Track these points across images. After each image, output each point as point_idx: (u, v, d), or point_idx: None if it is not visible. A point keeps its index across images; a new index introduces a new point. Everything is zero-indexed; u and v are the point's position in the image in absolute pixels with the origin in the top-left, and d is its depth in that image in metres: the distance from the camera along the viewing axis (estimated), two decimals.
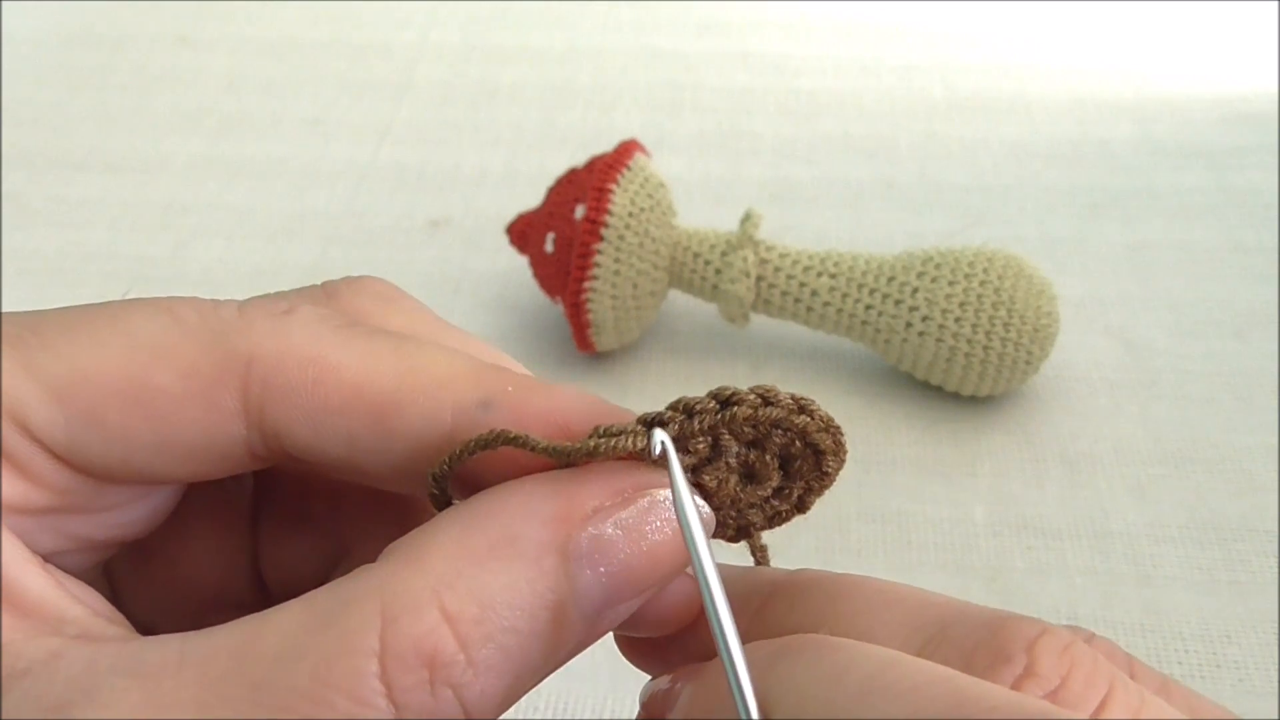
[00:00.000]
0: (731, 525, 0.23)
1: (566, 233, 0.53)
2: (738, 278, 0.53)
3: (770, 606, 0.22)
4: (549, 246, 0.54)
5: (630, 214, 0.53)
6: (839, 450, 0.23)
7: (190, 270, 0.64)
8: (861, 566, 0.47)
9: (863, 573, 0.22)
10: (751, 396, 0.21)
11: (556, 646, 0.19)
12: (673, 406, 0.21)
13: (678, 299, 0.60)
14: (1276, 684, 0.43)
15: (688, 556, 0.20)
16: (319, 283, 0.24)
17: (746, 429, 0.22)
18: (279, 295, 0.22)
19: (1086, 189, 0.69)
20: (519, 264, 0.61)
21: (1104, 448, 0.52)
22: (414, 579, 0.18)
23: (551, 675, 0.21)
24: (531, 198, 0.61)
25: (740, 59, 0.83)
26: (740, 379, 0.57)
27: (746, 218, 0.54)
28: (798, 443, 0.22)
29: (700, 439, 0.21)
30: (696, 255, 0.54)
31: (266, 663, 0.17)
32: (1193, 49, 0.83)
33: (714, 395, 0.21)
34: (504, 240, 0.58)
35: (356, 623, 0.18)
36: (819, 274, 0.53)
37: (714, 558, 0.20)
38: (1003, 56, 0.82)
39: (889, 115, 0.77)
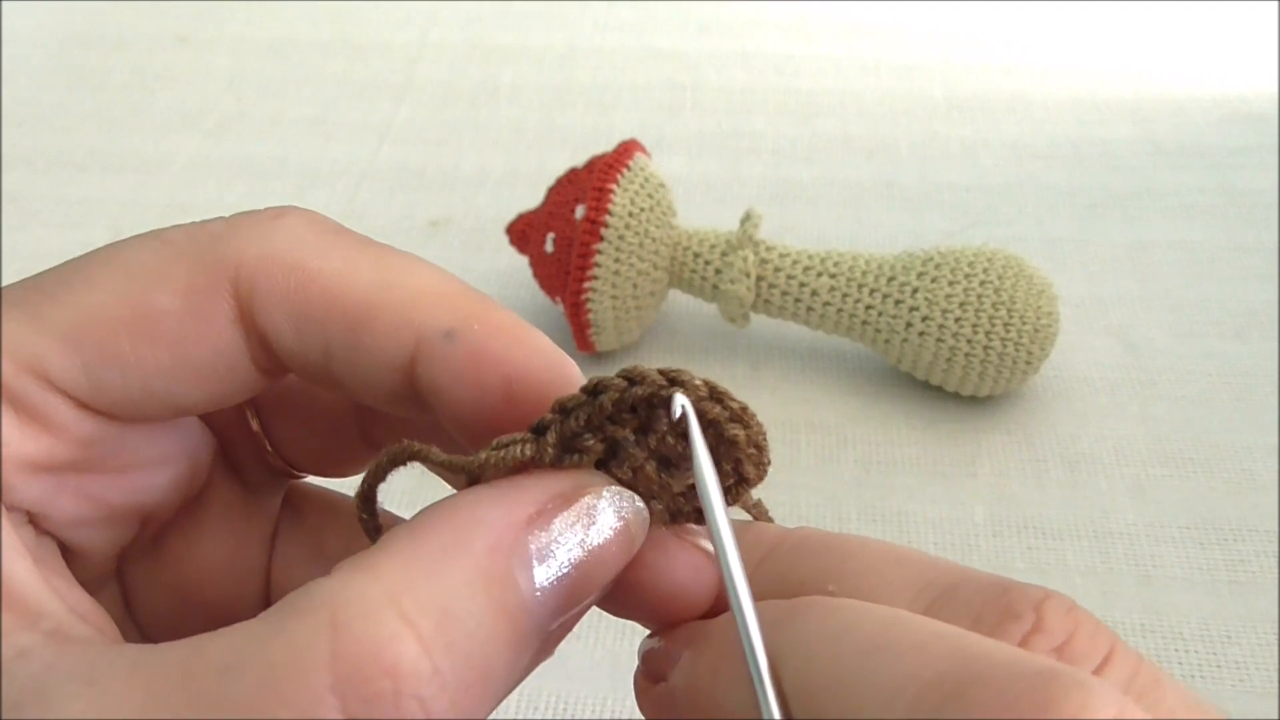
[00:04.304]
0: (682, 511, 0.22)
1: (566, 233, 0.53)
2: (738, 278, 0.53)
3: (770, 562, 0.22)
4: (549, 246, 0.54)
5: (630, 214, 0.53)
6: (738, 417, 0.21)
7: None
8: None
9: None
10: (618, 380, 0.20)
11: (516, 656, 0.18)
12: (551, 409, 0.20)
13: (678, 299, 0.60)
14: (1276, 684, 0.43)
15: (631, 552, 0.20)
16: None
17: (627, 415, 0.21)
18: (270, 207, 0.22)
19: (1086, 189, 0.69)
20: (519, 264, 0.61)
21: (1104, 448, 0.52)
22: (368, 586, 0.17)
23: (551, 676, 0.21)
24: (531, 198, 0.61)
25: (740, 59, 0.83)
26: (740, 379, 0.57)
27: (746, 218, 0.54)
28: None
29: (587, 436, 0.20)
30: (696, 255, 0.54)
31: (211, 674, 0.17)
32: (1193, 49, 0.83)
33: (584, 389, 0.20)
34: (504, 240, 0.58)
35: (305, 632, 0.17)
36: (819, 274, 0.53)
37: (733, 532, 0.20)
38: (1003, 56, 0.82)
39: (889, 115, 0.77)
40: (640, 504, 0.20)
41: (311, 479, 0.28)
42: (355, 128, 0.76)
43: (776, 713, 0.18)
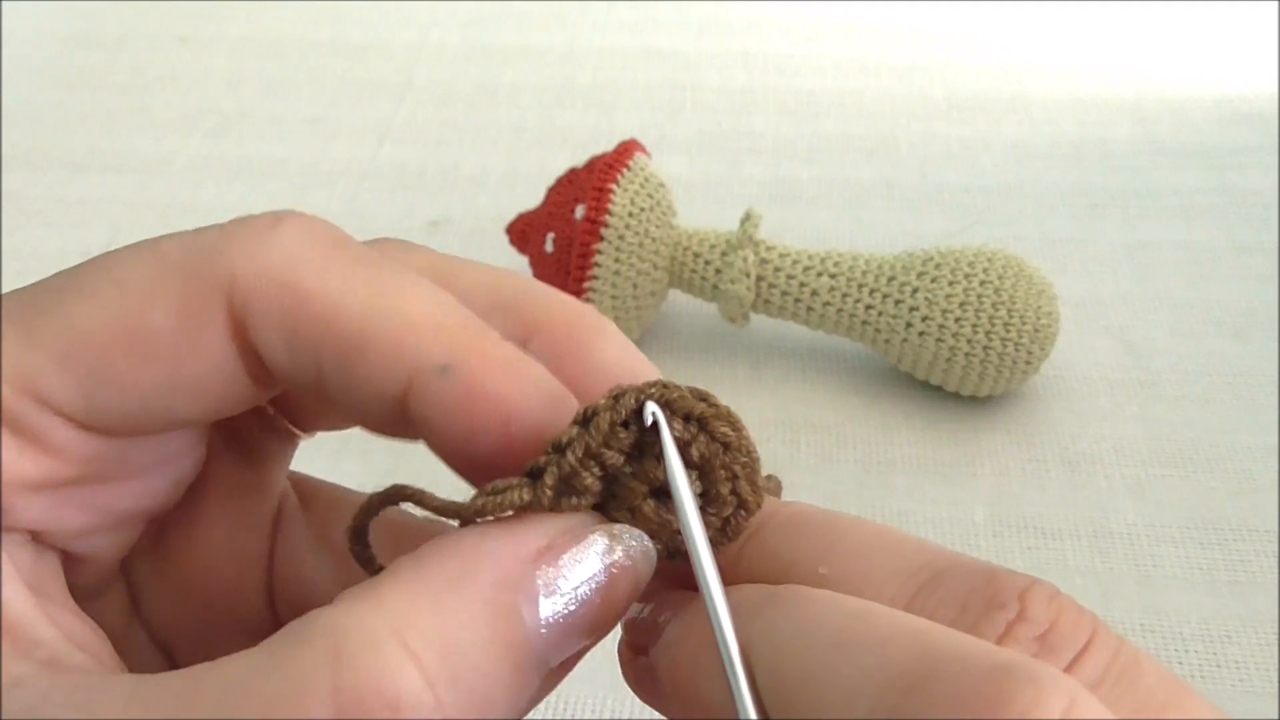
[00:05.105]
0: (680, 550, 0.21)
1: (566, 233, 0.53)
2: (738, 278, 0.53)
3: (761, 538, 0.22)
4: (549, 246, 0.54)
5: (630, 214, 0.53)
6: (723, 415, 0.20)
7: None
8: None
9: None
10: (605, 401, 0.20)
11: (519, 691, 0.18)
12: (545, 449, 0.20)
13: (678, 299, 0.60)
14: (1276, 684, 0.43)
15: (637, 591, 0.20)
16: None
17: (621, 433, 0.20)
18: (267, 213, 0.21)
19: (1086, 189, 0.69)
20: (519, 264, 0.61)
21: (1104, 448, 0.52)
22: (370, 616, 0.17)
23: None
24: (531, 198, 0.61)
25: (740, 59, 0.83)
26: (740, 379, 0.57)
27: (746, 218, 0.54)
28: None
29: (585, 475, 0.20)
30: (696, 255, 0.54)
31: (210, 705, 0.16)
32: (1193, 49, 0.83)
33: (575, 420, 0.20)
34: (504, 240, 0.58)
35: (306, 662, 0.16)
36: (819, 274, 0.53)
37: (705, 530, 0.20)
38: (1003, 56, 0.82)
39: (889, 115, 0.77)
40: (649, 543, 0.20)
41: (314, 473, 0.28)
42: (355, 128, 0.76)
43: (753, 713, 0.18)
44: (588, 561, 0.19)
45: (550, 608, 0.18)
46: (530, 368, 0.20)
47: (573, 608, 0.19)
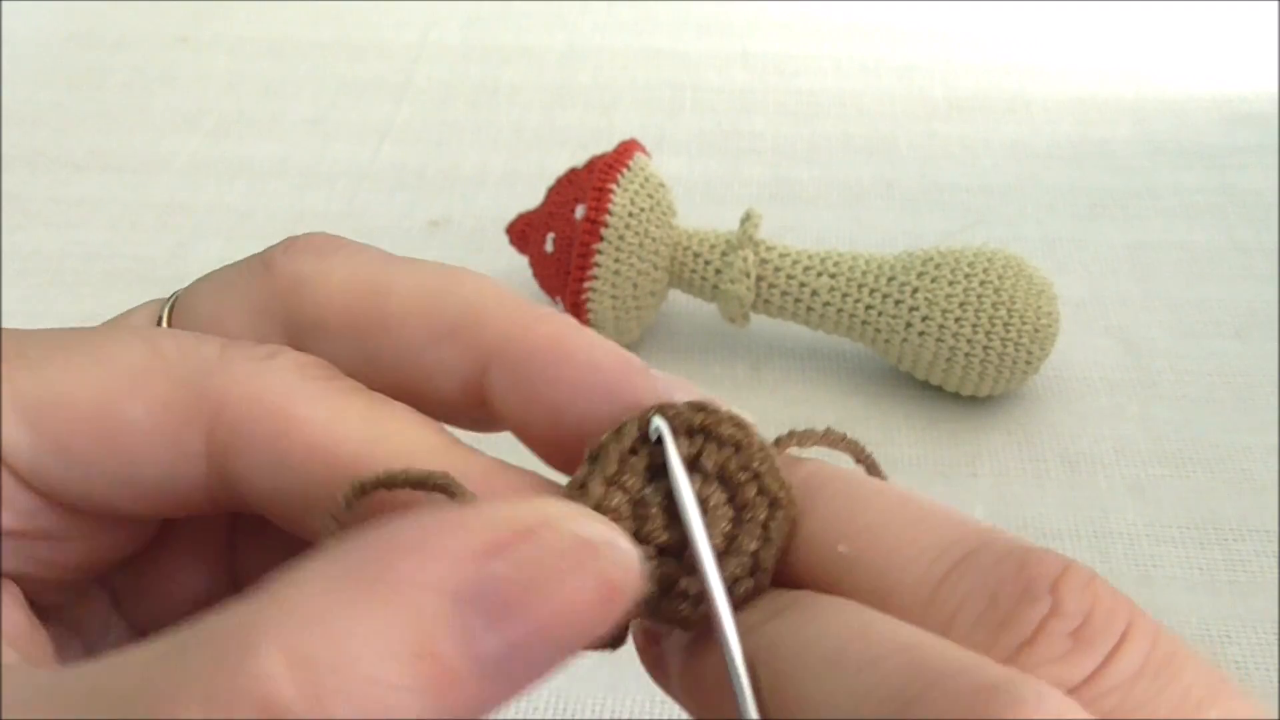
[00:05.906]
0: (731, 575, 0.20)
1: (566, 233, 0.53)
2: (738, 278, 0.53)
3: None
4: (549, 246, 0.54)
5: (630, 214, 0.53)
6: (725, 418, 0.20)
7: (190, 270, 0.64)
8: None
9: None
10: (607, 435, 0.20)
11: (440, 703, 0.16)
12: (566, 489, 0.20)
13: (678, 299, 0.60)
14: (1276, 684, 0.43)
15: (614, 612, 0.17)
16: (259, 253, 0.24)
17: (632, 458, 0.20)
18: (262, 344, 0.22)
19: (1086, 189, 0.69)
20: (519, 264, 0.61)
21: (1104, 448, 0.52)
22: (267, 612, 0.15)
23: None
24: (531, 198, 0.61)
25: (740, 59, 0.83)
26: (740, 379, 0.57)
27: (746, 218, 0.54)
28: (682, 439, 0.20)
29: (612, 494, 0.19)
30: (696, 255, 0.54)
31: (112, 702, 0.15)
32: (1193, 49, 0.83)
33: (586, 459, 0.20)
34: (504, 240, 0.58)
35: (194, 662, 0.15)
36: (819, 274, 0.53)
37: (719, 568, 0.19)
38: (1003, 56, 0.82)
39: (889, 115, 0.77)
40: (632, 551, 0.17)
41: None
42: (355, 128, 0.76)
43: None
44: (548, 564, 0.16)
45: (491, 615, 0.16)
46: (512, 467, 0.20)
47: (516, 618, 0.16)
